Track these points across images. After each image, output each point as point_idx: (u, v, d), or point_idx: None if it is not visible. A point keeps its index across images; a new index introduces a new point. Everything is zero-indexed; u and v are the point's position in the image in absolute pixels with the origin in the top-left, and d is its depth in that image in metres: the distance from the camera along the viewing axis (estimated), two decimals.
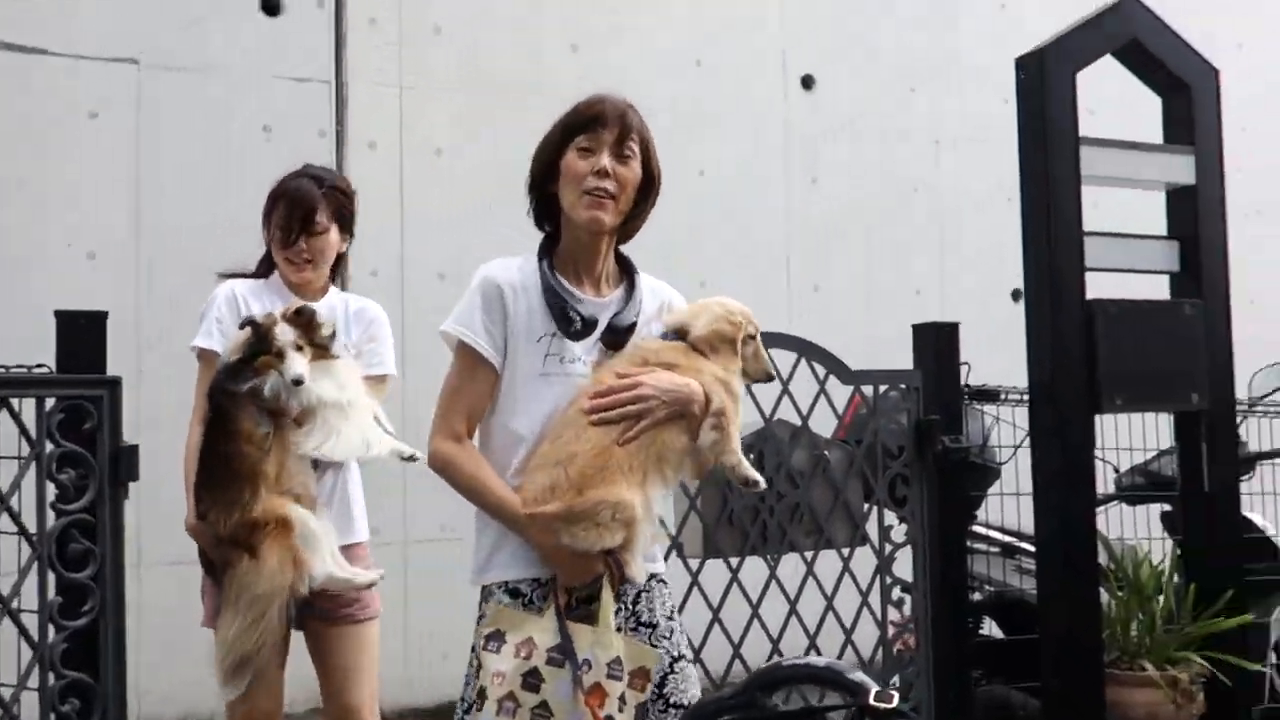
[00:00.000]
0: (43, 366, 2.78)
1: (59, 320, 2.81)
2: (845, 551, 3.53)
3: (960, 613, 3.61)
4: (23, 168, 4.53)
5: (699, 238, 5.41)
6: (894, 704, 1.48)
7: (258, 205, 3.02)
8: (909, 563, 3.58)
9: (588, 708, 2.11)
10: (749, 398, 2.55)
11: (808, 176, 5.90)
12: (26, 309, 3.89)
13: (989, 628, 4.15)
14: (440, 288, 5.02)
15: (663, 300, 2.43)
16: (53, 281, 4.41)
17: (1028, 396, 3.49)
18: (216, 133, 4.77)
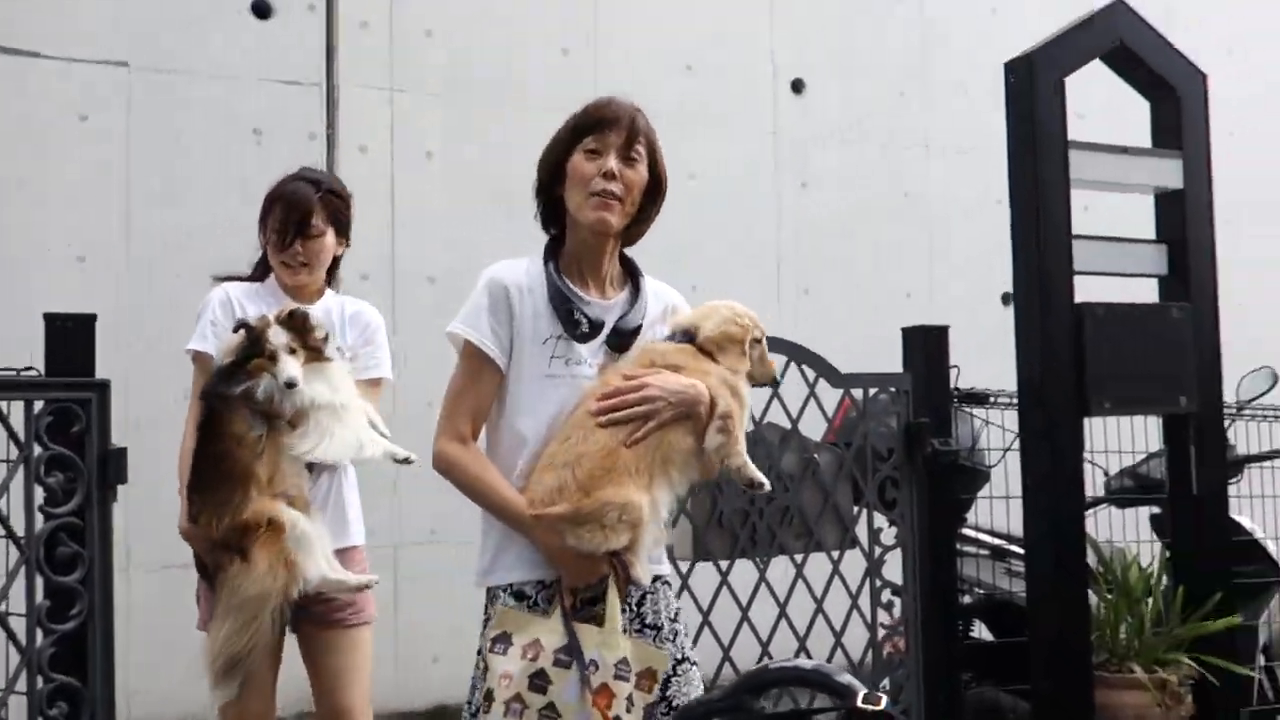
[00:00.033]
0: (31, 369, 2.78)
1: (48, 323, 2.81)
2: (835, 554, 3.53)
3: (950, 615, 3.62)
4: (13, 170, 4.52)
5: (690, 242, 5.41)
6: (882, 706, 1.48)
7: (249, 208, 3.01)
8: (899, 565, 3.59)
9: (595, 708, 2.11)
10: None
11: (798, 181, 5.91)
12: (16, 311, 3.88)
13: (979, 630, 4.16)
14: (431, 291, 5.02)
15: (667, 303, 2.44)
16: (43, 284, 4.39)
17: (1017, 400, 3.51)
18: (207, 136, 4.76)
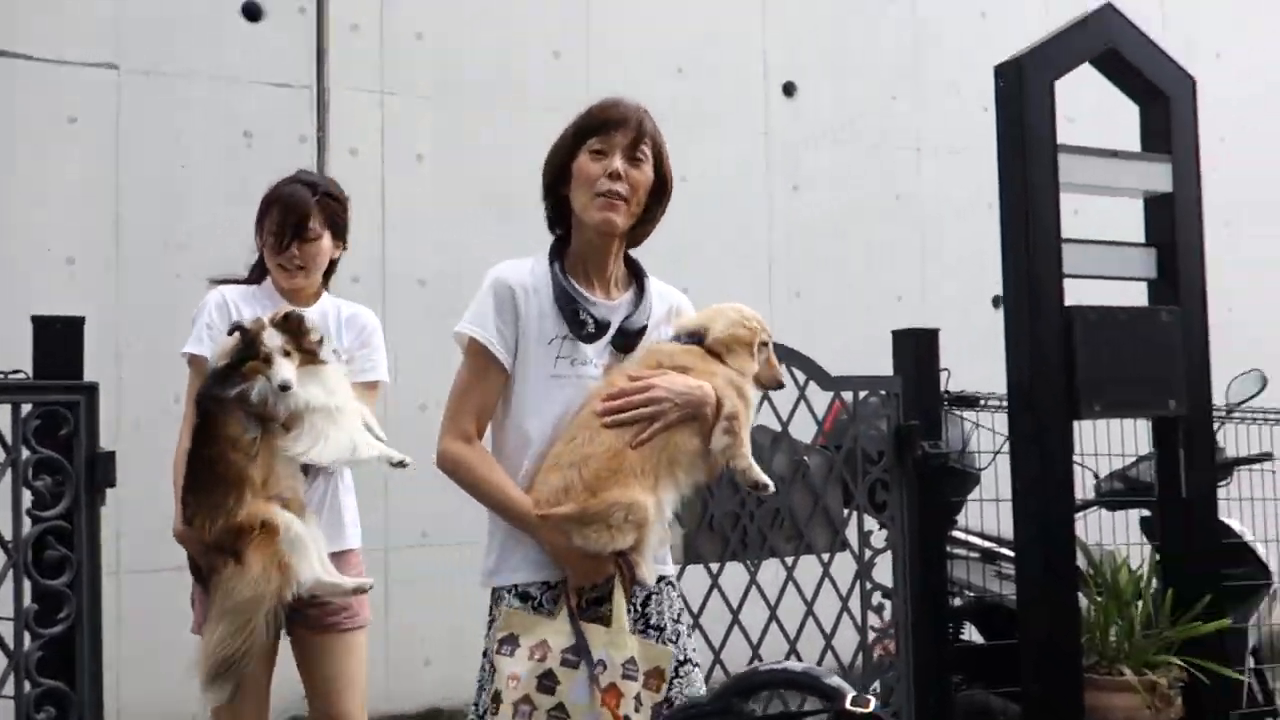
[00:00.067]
0: (19, 372, 2.77)
1: (36, 325, 2.79)
2: (825, 557, 3.53)
3: (940, 618, 3.62)
4: (2, 171, 4.51)
5: (681, 244, 5.40)
6: (870, 708, 1.48)
7: (239, 210, 3.01)
8: (889, 568, 3.59)
9: (605, 708, 2.11)
10: None
11: (789, 183, 5.92)
12: (4, 314, 3.86)
13: (969, 633, 4.16)
14: (421, 294, 5.01)
15: (671, 304, 2.45)
16: (32, 286, 4.38)
17: (1007, 402, 3.51)
18: (197, 138, 4.76)
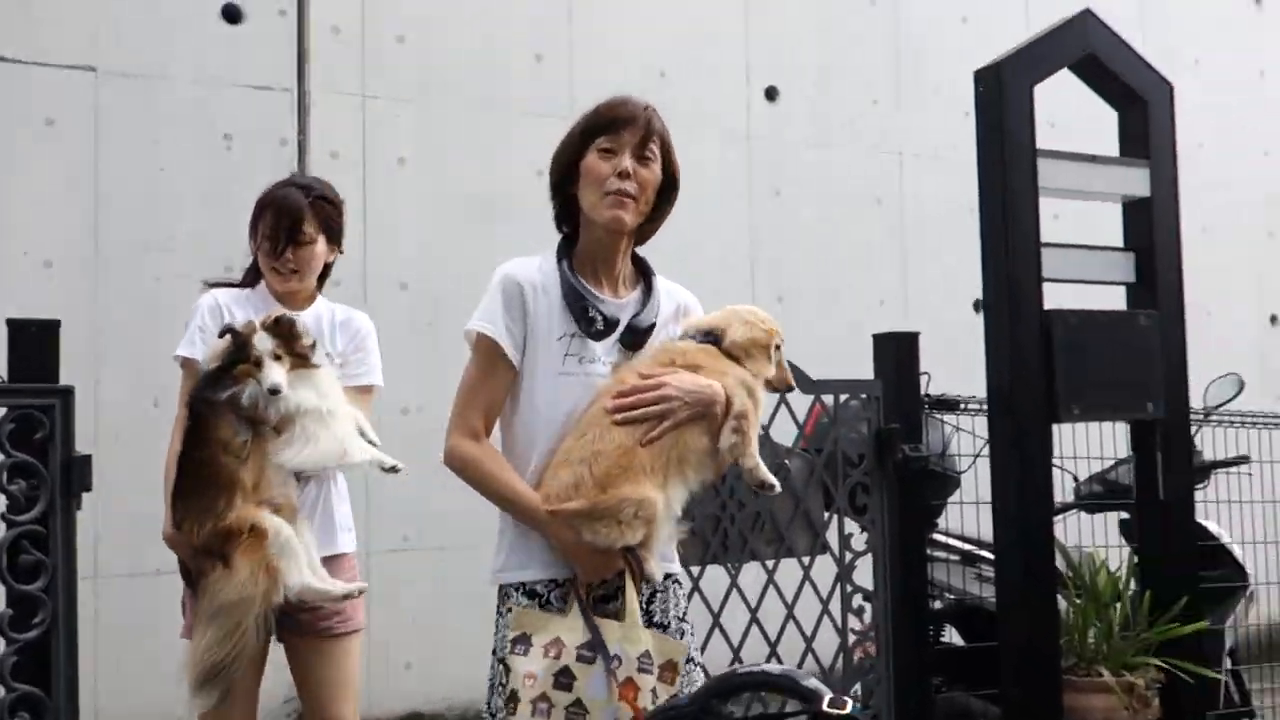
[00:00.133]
0: None
1: (11, 329, 2.78)
2: (806, 560, 3.54)
3: (920, 620, 3.63)
4: None
5: (663, 247, 5.41)
6: (848, 710, 1.49)
7: (219, 213, 3.00)
8: (869, 571, 3.60)
9: (624, 701, 2.11)
10: None
11: (771, 187, 5.93)
12: None
13: (949, 635, 4.17)
14: (403, 297, 5.00)
15: (679, 302, 2.46)
16: (8, 290, 4.34)
17: (987, 406, 3.52)
18: (176, 141, 4.73)
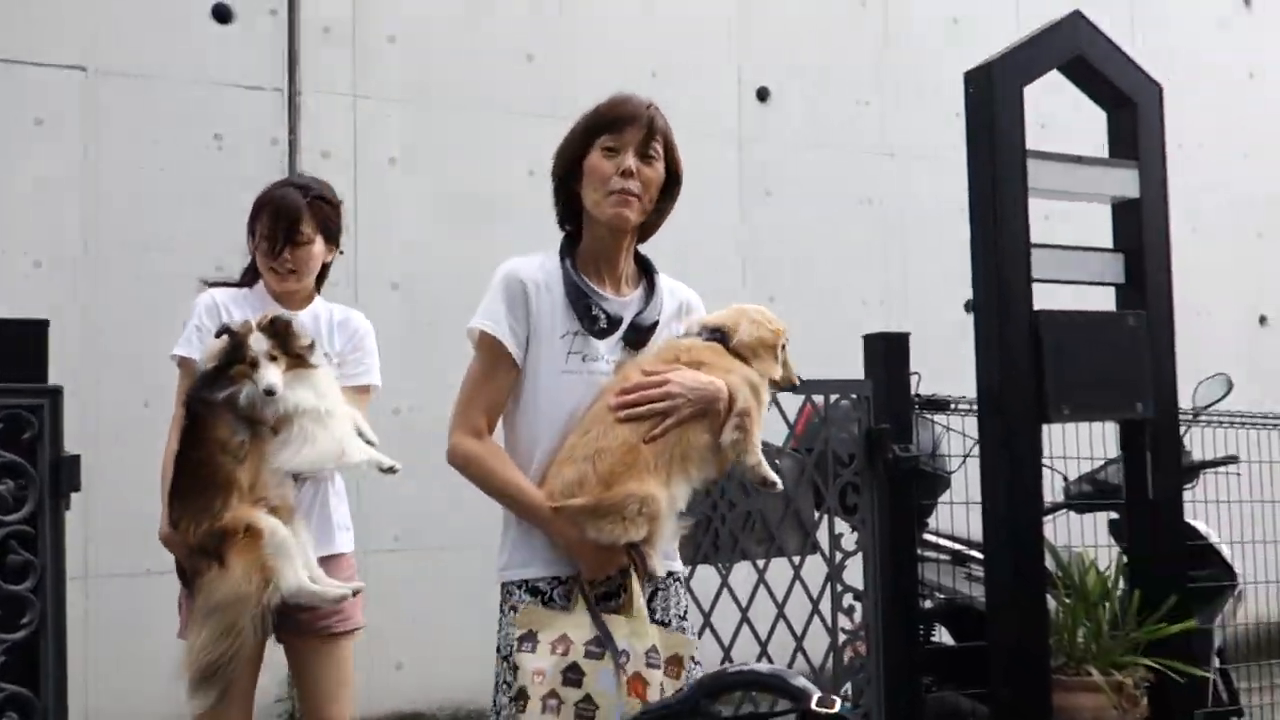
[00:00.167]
0: None
1: None
2: (796, 559, 3.55)
3: (911, 620, 3.64)
4: None
5: (653, 248, 5.42)
6: (836, 709, 1.49)
7: (209, 213, 2.99)
8: (860, 570, 3.60)
9: (634, 695, 2.12)
10: None
11: (762, 188, 5.94)
12: None
13: (940, 635, 4.18)
14: (394, 297, 5.00)
15: (681, 300, 2.46)
16: (0, 289, 4.34)
17: (977, 406, 3.53)
18: (167, 141, 4.72)
